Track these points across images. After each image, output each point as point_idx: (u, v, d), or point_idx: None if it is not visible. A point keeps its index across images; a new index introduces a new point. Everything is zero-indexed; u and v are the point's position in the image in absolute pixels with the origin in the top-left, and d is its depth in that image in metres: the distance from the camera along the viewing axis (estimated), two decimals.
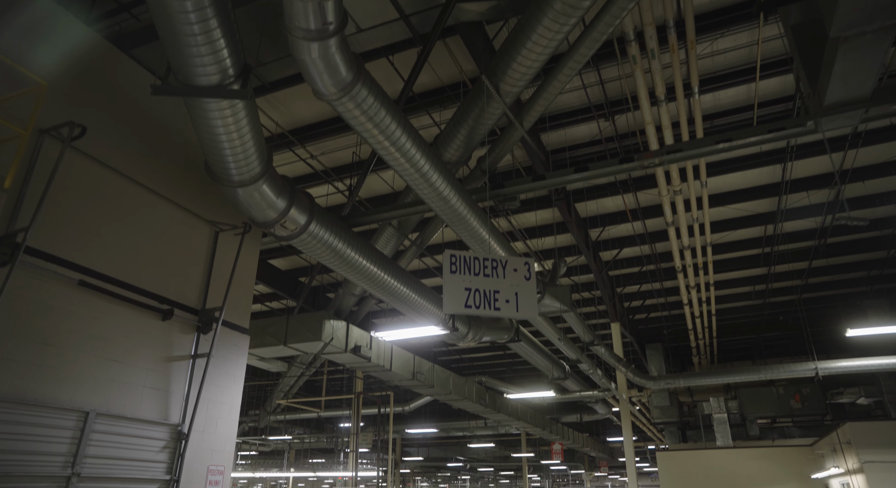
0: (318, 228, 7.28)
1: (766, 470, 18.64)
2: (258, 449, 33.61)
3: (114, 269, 6.03)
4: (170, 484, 6.31)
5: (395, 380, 16.11)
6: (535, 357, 15.78)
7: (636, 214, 13.01)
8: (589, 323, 18.62)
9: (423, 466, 46.60)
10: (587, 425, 37.45)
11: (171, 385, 6.54)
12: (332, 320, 12.91)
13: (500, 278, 5.00)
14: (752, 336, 21.11)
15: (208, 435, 7.01)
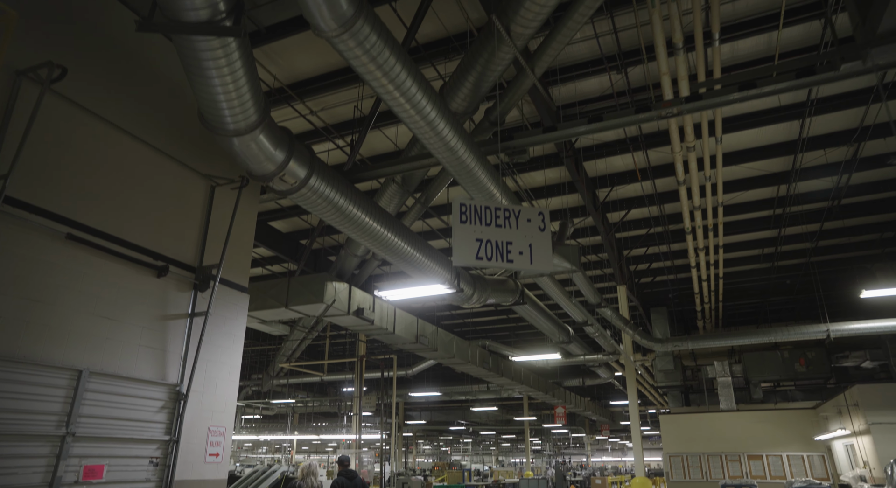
0: (319, 183, 6.97)
1: (769, 433, 18.65)
2: (262, 412, 33.86)
3: (104, 223, 5.74)
4: (169, 445, 6.13)
5: (398, 344, 15.97)
6: (540, 320, 15.60)
7: (646, 174, 12.65)
8: (595, 286, 18.42)
9: (425, 430, 47.12)
10: (589, 389, 37.65)
11: (168, 344, 6.31)
12: (334, 282, 12.68)
13: (513, 229, 4.70)
14: (757, 300, 20.92)
15: (208, 396, 6.81)
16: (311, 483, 7.48)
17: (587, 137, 11.36)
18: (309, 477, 7.46)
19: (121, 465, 5.67)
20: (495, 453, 62.28)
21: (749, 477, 18.42)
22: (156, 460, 6.02)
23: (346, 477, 7.68)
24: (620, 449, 72.62)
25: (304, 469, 7.62)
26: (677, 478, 19.34)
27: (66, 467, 5.19)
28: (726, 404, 19.09)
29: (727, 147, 11.49)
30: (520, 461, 69.34)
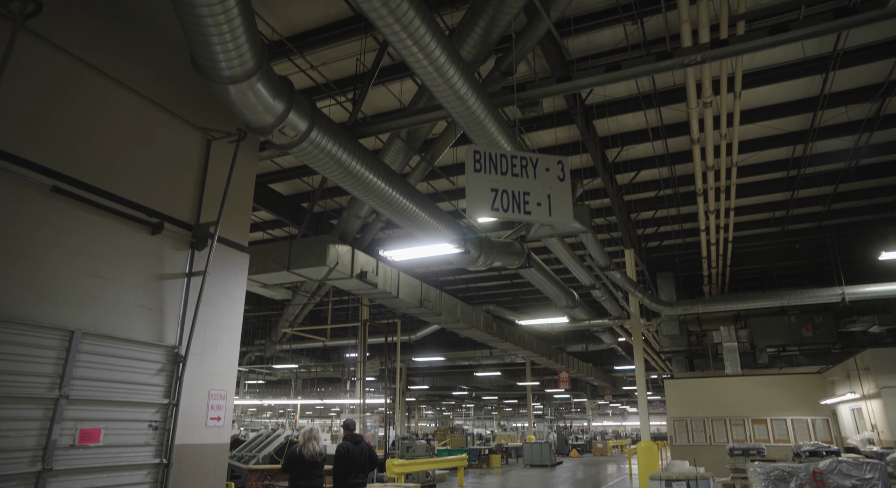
0: (321, 136, 6.61)
1: (775, 397, 18.58)
2: (265, 378, 33.98)
3: (93, 177, 5.41)
4: (169, 409, 5.91)
5: (402, 308, 15.76)
6: (545, 284, 15.36)
7: (658, 133, 12.24)
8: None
9: (427, 395, 47.47)
10: (591, 355, 37.68)
11: (164, 305, 6.04)
12: (336, 245, 12.40)
13: (531, 178, 4.37)
14: (764, 265, 20.66)
15: (208, 358, 6.57)
16: (313, 448, 7.27)
17: (598, 93, 10.92)
18: (310, 442, 7.25)
19: (119, 429, 5.46)
20: (497, 418, 62.93)
21: (753, 440, 18.41)
22: (155, 424, 5.81)
23: (352, 442, 7.47)
24: (621, 414, 73.41)
25: (305, 433, 7.42)
26: (681, 442, 19.34)
27: (60, 430, 4.97)
28: (732, 369, 18.97)
29: (744, 104, 11.05)
30: (521, 425, 70.16)
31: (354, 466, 7.31)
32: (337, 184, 7.41)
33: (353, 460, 7.30)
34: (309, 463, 7.18)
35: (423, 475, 15.21)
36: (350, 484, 7.28)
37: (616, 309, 17.91)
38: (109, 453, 5.35)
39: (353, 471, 7.29)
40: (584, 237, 10.77)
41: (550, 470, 23.49)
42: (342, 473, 7.26)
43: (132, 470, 5.54)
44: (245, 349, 28.10)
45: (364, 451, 7.45)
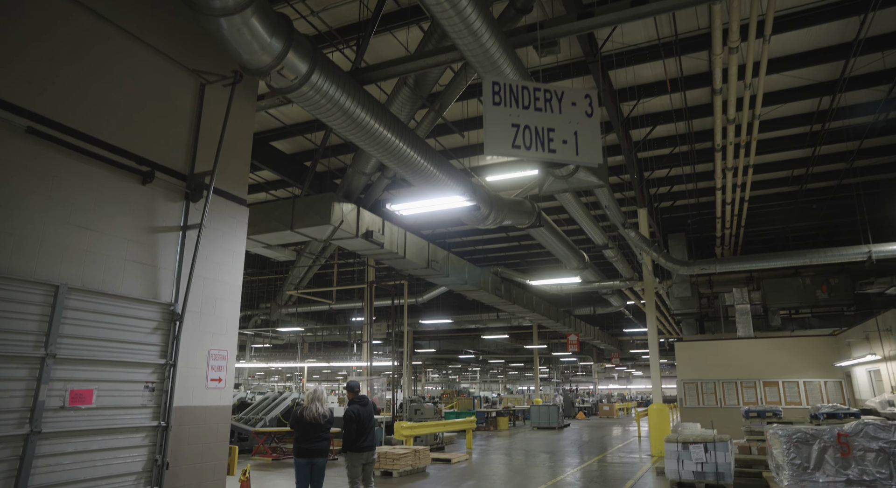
0: (322, 80, 6.14)
1: (787, 359, 18.30)
2: (272, 341, 33.97)
3: (73, 120, 4.98)
4: (166, 369, 5.59)
5: (408, 269, 15.42)
6: (555, 245, 14.95)
7: (676, 85, 11.65)
8: None
9: (434, 358, 47.59)
10: (598, 318, 37.52)
11: (158, 259, 5.66)
12: (341, 203, 11.99)
13: (556, 113, 3.92)
14: (778, 227, 20.16)
15: (207, 316, 6.22)
16: (315, 410, 6.98)
17: (616, 41, 10.32)
18: (314, 404, 6.96)
19: (112, 390, 5.14)
20: (503, 381, 63.34)
21: (764, 403, 18.21)
22: (152, 385, 5.49)
23: (360, 405, 7.19)
24: (626, 378, 73.85)
25: (309, 395, 7.12)
26: (691, 405, 19.16)
27: (48, 391, 4.64)
28: (744, 331, 18.65)
29: (771, 52, 10.42)
30: (527, 389, 70.68)
31: (364, 428, 7.04)
32: (340, 134, 6.96)
33: (364, 423, 7.03)
34: (310, 425, 6.89)
35: (431, 437, 15.08)
36: (361, 447, 7.01)
37: (627, 270, 17.53)
38: (103, 415, 5.04)
39: (363, 434, 7.02)
40: (600, 192, 10.31)
41: (558, 432, 23.47)
42: (353, 438, 6.99)
43: (128, 432, 5.24)
44: (251, 312, 27.96)
45: (371, 413, 7.18)
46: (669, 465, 9.64)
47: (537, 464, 12.96)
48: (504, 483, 10.40)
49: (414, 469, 11.18)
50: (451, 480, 10.61)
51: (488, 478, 10.86)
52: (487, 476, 11.18)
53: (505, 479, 10.80)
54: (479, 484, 10.17)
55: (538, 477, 11.14)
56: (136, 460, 5.29)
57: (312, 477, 6.85)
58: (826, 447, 7.94)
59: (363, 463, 7.02)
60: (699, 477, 9.41)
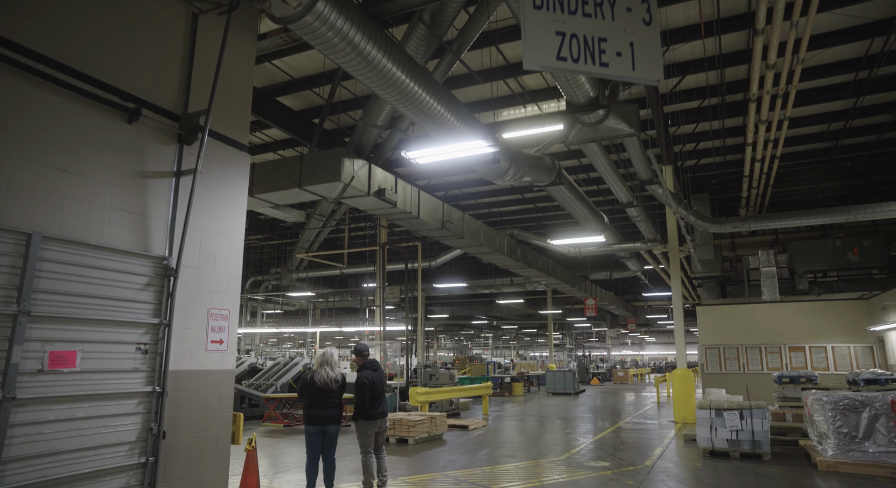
0: (328, 9, 5.44)
1: (815, 324, 17.68)
2: (283, 307, 33.73)
3: (46, 47, 4.35)
4: (160, 329, 5.05)
5: (422, 230, 14.82)
6: (575, 205, 14.29)
7: (711, 29, 10.78)
8: (633, 171, 16.84)
9: (446, 324, 47.38)
10: (613, 283, 36.92)
11: (149, 208, 5.08)
12: (352, 159, 11.35)
13: (608, 20, 3.23)
14: (807, 186, 19.27)
15: (206, 272, 5.66)
16: (327, 374, 6.46)
17: None
18: (325, 368, 6.44)
19: (99, 352, 4.61)
20: (515, 347, 63.23)
21: (789, 368, 17.66)
22: (144, 347, 4.96)
23: (372, 369, 6.65)
24: (639, 344, 73.60)
25: (318, 358, 6.59)
26: (712, 370, 18.65)
27: (24, 353, 4.11)
28: (769, 295, 17.99)
29: None
30: (540, 354, 70.64)
31: (377, 395, 6.53)
32: (350, 73, 6.28)
33: (377, 390, 6.52)
34: (321, 390, 6.38)
35: (446, 403, 14.69)
36: (374, 415, 6.51)
37: (651, 231, 16.84)
38: (89, 380, 4.52)
39: (376, 400, 6.51)
40: (629, 143, 9.59)
41: (574, 398, 23.11)
42: (368, 406, 6.48)
43: (119, 398, 4.73)
44: (261, 278, 27.59)
45: (384, 378, 6.66)
46: (702, 433, 9.12)
47: (557, 431, 12.53)
48: (525, 451, 9.94)
49: (430, 436, 10.75)
50: (470, 448, 10.17)
51: (508, 446, 10.41)
52: (507, 443, 10.74)
53: (526, 447, 10.35)
54: (498, 453, 9.73)
55: (560, 444, 10.69)
56: (128, 428, 4.79)
57: (324, 446, 6.37)
58: (877, 415, 7.36)
59: (376, 431, 6.53)
60: (733, 446, 8.89)
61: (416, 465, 8.54)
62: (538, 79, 12.70)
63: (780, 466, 8.28)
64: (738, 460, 8.75)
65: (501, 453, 9.62)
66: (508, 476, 7.73)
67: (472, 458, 9.09)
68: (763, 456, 8.75)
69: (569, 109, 8.06)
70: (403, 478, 7.54)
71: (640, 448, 10.16)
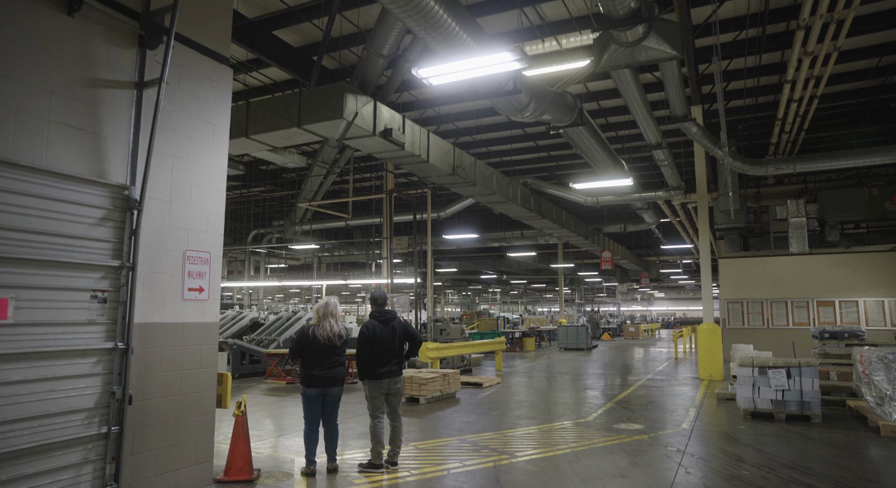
0: None
1: (846, 277, 16.77)
2: (287, 262, 32.99)
3: None
4: (121, 273, 4.15)
5: (432, 176, 13.82)
6: (594, 150, 13.22)
7: None
8: (659, 114, 15.66)
9: (453, 279, 46.72)
10: (624, 237, 35.91)
11: (103, 125, 4.11)
12: (355, 94, 10.31)
13: None
14: (843, 131, 18.05)
15: (180, 207, 4.73)
16: (330, 328, 5.56)
17: None
18: (326, 321, 5.54)
19: (42, 300, 3.71)
20: (524, 302, 62.75)
21: (817, 323, 16.82)
22: (102, 294, 4.06)
23: (379, 321, 5.74)
24: (647, 300, 72.98)
25: (319, 309, 5.68)
26: (735, 325, 17.85)
27: None
28: (798, 247, 17.01)
29: None
30: (548, 310, 70.23)
31: (383, 350, 5.62)
32: None
33: (380, 344, 5.60)
34: (324, 347, 5.49)
35: (457, 360, 13.95)
36: (379, 374, 5.64)
37: (675, 178, 15.78)
38: (27, 335, 3.64)
39: (382, 358, 5.62)
40: (667, 70, 8.49)
41: (587, 353, 22.43)
42: (367, 362, 5.60)
43: (70, 357, 3.86)
44: (263, 231, 26.72)
45: (396, 331, 5.74)
46: (742, 392, 8.29)
47: (577, 389, 11.78)
48: (546, 411, 9.17)
49: (443, 395, 9.98)
50: (486, 408, 9.40)
51: (527, 406, 9.64)
52: (525, 403, 9.97)
53: (546, 407, 9.58)
54: (517, 413, 8.95)
55: (583, 404, 9.91)
56: (83, 393, 3.94)
57: (325, 410, 5.52)
58: None
59: (385, 393, 5.67)
60: (779, 407, 8.06)
61: (429, 428, 7.76)
62: (559, 8, 11.47)
63: (835, 430, 7.45)
64: (784, 422, 7.94)
65: (520, 414, 8.85)
66: (533, 441, 6.94)
67: (490, 420, 8.32)
68: (812, 418, 7.92)
69: (604, 25, 6.95)
70: (416, 444, 6.75)
71: (670, 408, 9.36)
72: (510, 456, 6.18)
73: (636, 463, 5.88)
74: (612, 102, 16.07)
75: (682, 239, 33.48)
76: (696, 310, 73.35)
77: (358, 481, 5.27)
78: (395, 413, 5.80)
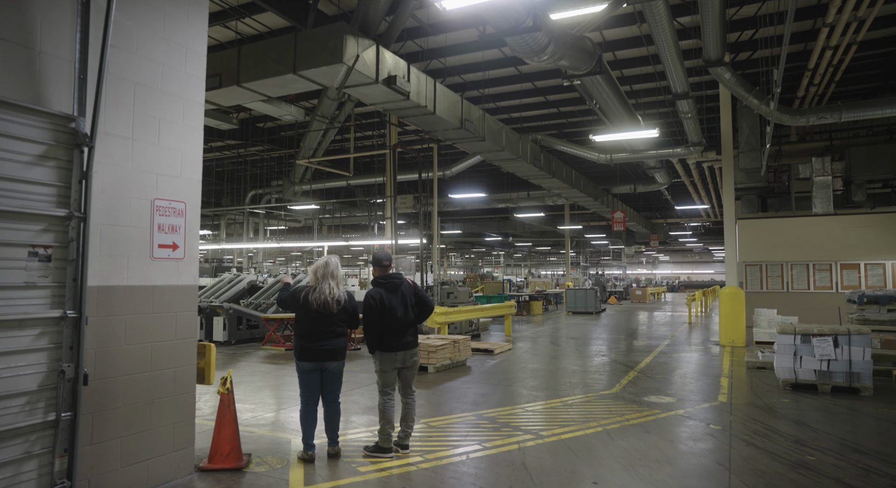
0: None
1: (873, 239, 15.98)
2: (287, 223, 32.22)
3: None
4: (69, 224, 3.35)
5: (438, 130, 12.92)
6: (611, 101, 12.30)
7: None
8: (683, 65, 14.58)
9: (456, 241, 45.98)
10: (633, 199, 35.02)
11: (36, 37, 3.26)
12: (356, 37, 9.38)
13: None
14: (876, 83, 16.99)
15: (146, 146, 3.90)
16: (330, 291, 4.77)
17: None
18: (326, 283, 4.74)
19: None
20: (528, 265, 62.09)
21: (840, 287, 16.09)
22: (44, 251, 3.27)
23: (387, 288, 4.95)
24: (652, 263, 72.33)
25: (317, 269, 4.87)
26: (753, 289, 17.13)
27: None
28: (822, 207, 16.12)
29: None
30: (551, 273, 69.62)
31: (395, 322, 4.85)
32: None
33: (390, 314, 4.82)
34: (318, 314, 4.70)
35: (465, 324, 13.27)
36: (393, 346, 4.88)
37: (697, 132, 14.84)
38: None
39: (394, 329, 4.85)
40: (706, 4, 7.51)
41: (596, 317, 21.80)
42: (377, 336, 4.83)
43: (3, 329, 3.09)
44: (262, 191, 25.85)
45: (407, 298, 4.97)
46: (782, 362, 7.57)
47: (594, 356, 11.11)
48: (567, 382, 8.48)
49: (453, 363, 9.29)
50: (500, 378, 8.72)
51: (544, 376, 8.96)
52: (541, 372, 9.29)
53: (565, 376, 8.89)
54: (535, 384, 8.26)
55: (605, 373, 9.22)
56: (22, 373, 3.17)
57: (324, 387, 4.79)
58: None
59: (398, 367, 4.93)
60: (823, 378, 7.34)
61: (441, 402, 7.06)
62: None
63: (891, 404, 6.75)
64: (829, 395, 7.23)
65: (538, 384, 8.16)
66: (558, 417, 6.24)
67: (506, 392, 7.62)
68: (862, 390, 7.21)
69: None
70: (427, 421, 6.05)
71: (698, 378, 8.67)
72: (535, 435, 5.48)
73: (678, 445, 5.17)
74: (629, 53, 15.00)
75: (692, 200, 32.59)
76: (700, 273, 72.78)
77: (364, 469, 4.56)
78: (409, 388, 5.06)
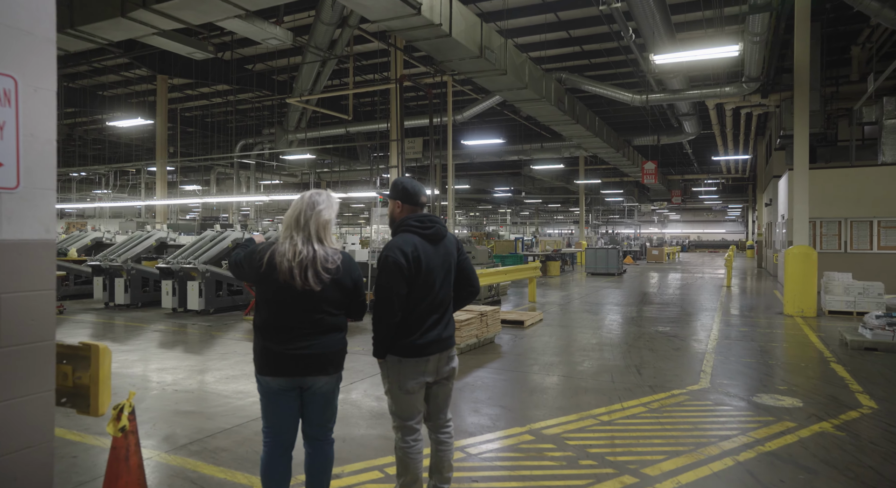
0: None
1: None
2: (282, 177, 30.13)
3: None
4: None
5: (454, 59, 10.76)
6: (653, 22, 10.12)
7: None
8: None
9: (462, 198, 43.89)
10: (653, 151, 32.71)
11: None
12: None
13: None
14: None
15: None
16: (306, 253, 2.52)
17: None
18: (302, 234, 2.63)
19: None
20: (536, 223, 60.10)
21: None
22: None
23: (424, 236, 2.87)
24: (662, 222, 70.27)
25: (294, 212, 2.71)
26: None
27: None
28: (892, 155, 14.07)
29: None
30: (558, 231, 67.65)
31: (430, 297, 2.76)
32: None
33: (425, 284, 2.71)
34: (290, 293, 2.60)
35: (485, 290, 11.38)
36: (420, 347, 2.85)
37: (758, 65, 12.64)
38: None
39: (425, 311, 2.80)
40: None
41: (619, 279, 19.92)
42: (394, 327, 2.73)
43: None
44: (253, 141, 23.67)
45: (451, 259, 2.92)
46: None
47: (643, 327, 9.25)
48: (634, 370, 6.60)
49: (480, 341, 7.40)
50: (543, 363, 6.83)
51: (597, 359, 7.07)
52: (592, 353, 7.41)
53: (626, 361, 7.00)
54: (593, 372, 6.39)
55: (672, 357, 7.33)
56: None
57: (306, 418, 2.78)
58: None
59: (428, 382, 2.87)
60: None
61: (474, 407, 5.15)
62: None
63: None
64: None
65: (595, 373, 6.27)
66: (654, 435, 4.32)
67: (558, 388, 5.73)
68: None
69: None
70: (463, 446, 4.14)
71: (801, 364, 6.76)
72: (637, 477, 3.56)
73: None
74: None
75: (716, 153, 30.42)
76: (711, 232, 70.72)
77: None
78: (443, 416, 3.00)
